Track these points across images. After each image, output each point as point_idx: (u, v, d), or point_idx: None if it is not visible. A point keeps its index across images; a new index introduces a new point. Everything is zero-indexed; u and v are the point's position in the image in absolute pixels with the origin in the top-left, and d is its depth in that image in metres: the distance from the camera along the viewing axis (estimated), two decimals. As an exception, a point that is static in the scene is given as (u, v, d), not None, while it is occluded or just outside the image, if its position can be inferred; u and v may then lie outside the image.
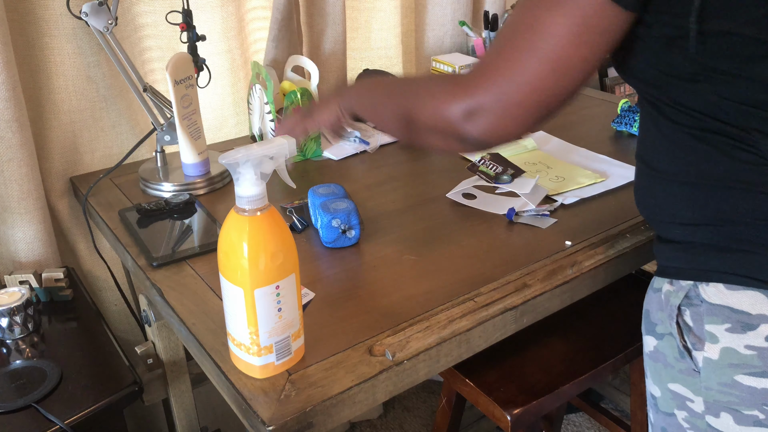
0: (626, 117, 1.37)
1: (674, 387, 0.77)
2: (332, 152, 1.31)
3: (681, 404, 0.76)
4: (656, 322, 0.79)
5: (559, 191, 1.12)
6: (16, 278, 1.10)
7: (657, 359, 0.79)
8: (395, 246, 0.98)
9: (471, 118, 0.68)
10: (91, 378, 0.96)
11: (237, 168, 0.64)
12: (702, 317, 0.72)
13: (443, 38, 1.67)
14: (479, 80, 0.68)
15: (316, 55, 1.46)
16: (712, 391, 0.73)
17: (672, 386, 0.77)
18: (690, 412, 0.75)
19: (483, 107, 0.68)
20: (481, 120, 0.68)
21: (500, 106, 0.67)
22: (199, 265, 0.94)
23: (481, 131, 0.69)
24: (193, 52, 1.15)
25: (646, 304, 0.81)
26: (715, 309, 0.71)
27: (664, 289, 0.77)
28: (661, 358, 0.78)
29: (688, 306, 0.73)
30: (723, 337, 0.70)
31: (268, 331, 0.69)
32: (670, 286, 0.76)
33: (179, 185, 1.15)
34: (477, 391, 1.05)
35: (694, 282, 0.72)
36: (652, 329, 0.80)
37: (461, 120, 0.69)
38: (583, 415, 1.84)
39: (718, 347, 0.71)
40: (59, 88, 1.19)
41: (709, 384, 0.73)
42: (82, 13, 1.08)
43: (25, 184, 1.13)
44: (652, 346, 0.80)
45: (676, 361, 0.76)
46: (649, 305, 0.81)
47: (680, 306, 0.74)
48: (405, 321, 0.81)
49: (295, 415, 0.67)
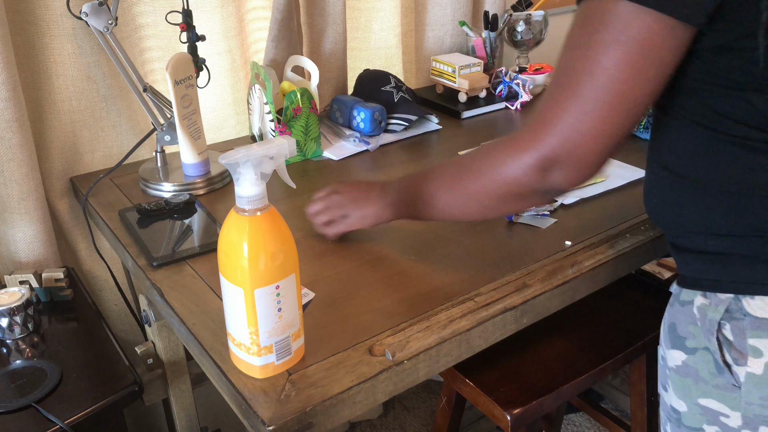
0: None
1: (706, 402, 0.74)
2: (332, 152, 1.31)
3: (713, 420, 0.74)
4: (686, 336, 0.75)
5: None
6: (16, 278, 1.10)
7: (686, 374, 0.76)
8: (395, 246, 0.98)
9: (548, 172, 0.68)
10: (91, 378, 0.96)
11: (237, 168, 0.64)
12: (745, 331, 0.69)
13: (443, 38, 1.67)
14: (542, 134, 0.67)
15: (316, 55, 1.47)
16: (753, 406, 0.70)
17: (704, 401, 0.74)
18: (723, 427, 0.73)
19: (555, 159, 0.67)
20: (558, 171, 0.68)
21: (571, 154, 0.67)
22: (199, 265, 0.94)
23: (562, 181, 0.69)
24: (193, 52, 1.15)
25: (671, 318, 0.78)
26: (760, 323, 0.68)
27: (697, 302, 0.73)
28: (692, 373, 0.75)
29: (729, 320, 0.70)
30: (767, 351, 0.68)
31: (268, 331, 0.69)
32: (704, 299, 0.73)
33: (179, 185, 1.15)
34: (477, 391, 1.05)
35: (735, 295, 0.70)
36: (680, 344, 0.76)
37: (538, 178, 0.69)
38: (583, 415, 1.84)
39: (762, 361, 0.69)
40: (59, 88, 1.19)
41: (750, 399, 0.70)
42: (82, 13, 1.08)
43: (25, 184, 1.13)
44: (680, 360, 0.76)
45: (712, 377, 0.73)
46: (676, 318, 0.77)
47: (720, 320, 0.71)
48: (405, 321, 0.81)
49: (295, 415, 0.67)
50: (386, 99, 1.41)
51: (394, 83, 1.44)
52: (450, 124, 1.47)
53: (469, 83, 1.51)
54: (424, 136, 1.41)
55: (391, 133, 1.40)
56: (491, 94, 1.59)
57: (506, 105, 1.56)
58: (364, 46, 1.61)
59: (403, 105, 1.41)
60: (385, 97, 1.42)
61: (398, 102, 1.41)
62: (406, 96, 1.44)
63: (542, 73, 1.61)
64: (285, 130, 1.25)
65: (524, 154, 0.69)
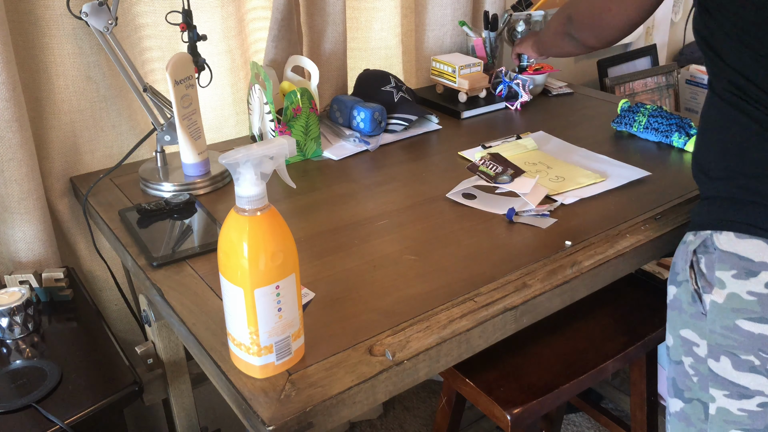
0: (626, 117, 1.37)
1: (684, 333, 0.84)
2: (332, 152, 1.31)
3: (688, 350, 0.83)
4: (678, 271, 0.86)
5: (559, 191, 1.12)
6: (16, 278, 1.10)
7: (674, 307, 0.86)
8: (395, 246, 0.98)
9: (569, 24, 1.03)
10: (91, 378, 0.96)
11: (237, 168, 0.64)
12: (714, 264, 0.79)
13: (443, 38, 1.67)
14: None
15: (316, 55, 1.47)
16: (715, 335, 0.79)
17: (683, 332, 0.84)
18: (695, 357, 0.82)
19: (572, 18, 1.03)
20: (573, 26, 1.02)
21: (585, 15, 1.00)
22: (199, 265, 0.94)
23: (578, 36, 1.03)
24: (193, 52, 1.15)
25: (675, 257, 0.89)
26: (725, 256, 0.77)
27: (687, 239, 0.84)
28: (677, 305, 0.85)
29: (704, 253, 0.80)
30: (729, 282, 0.77)
31: (268, 331, 0.69)
32: (693, 236, 0.83)
33: (179, 185, 1.15)
34: (477, 390, 1.05)
35: (711, 231, 0.80)
36: (674, 278, 0.87)
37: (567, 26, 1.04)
38: (583, 415, 1.84)
39: (725, 292, 0.77)
40: (59, 88, 1.19)
41: (713, 327, 0.79)
42: (82, 13, 1.08)
43: (25, 184, 1.13)
44: (671, 294, 0.87)
45: (689, 306, 0.83)
46: (676, 257, 0.87)
47: (696, 252, 0.82)
48: (405, 321, 0.81)
49: (295, 415, 0.67)
50: (386, 99, 1.41)
51: (394, 83, 1.44)
52: (450, 124, 1.47)
53: (469, 83, 1.51)
54: (424, 136, 1.41)
55: (391, 133, 1.40)
56: (491, 94, 1.59)
57: (506, 105, 1.56)
58: (364, 46, 1.61)
59: (403, 105, 1.41)
60: (385, 97, 1.42)
61: (398, 102, 1.41)
62: (406, 96, 1.44)
63: (542, 73, 1.60)
64: (285, 130, 1.25)
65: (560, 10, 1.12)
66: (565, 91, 1.65)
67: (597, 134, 1.38)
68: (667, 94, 2.23)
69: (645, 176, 1.17)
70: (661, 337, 1.18)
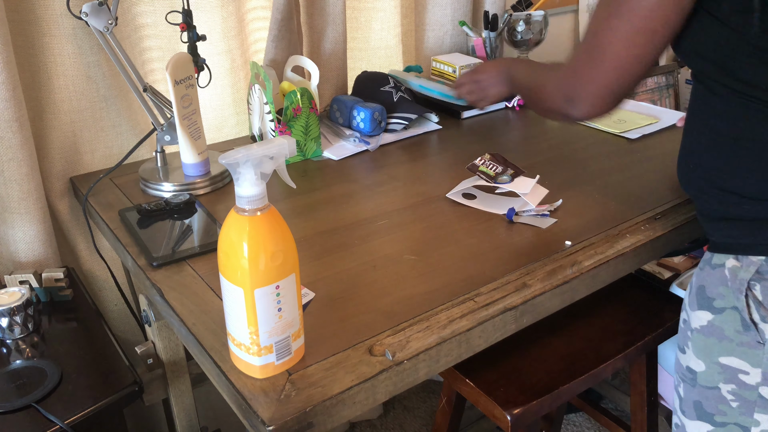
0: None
1: (727, 361, 0.80)
2: (332, 152, 1.31)
3: (731, 377, 0.79)
4: (714, 297, 0.81)
5: (625, 130, 1.37)
6: (16, 278, 1.10)
7: (711, 334, 0.81)
8: (395, 246, 0.98)
9: (568, 103, 0.87)
10: (91, 378, 0.96)
11: (237, 168, 0.64)
12: None
13: (443, 38, 1.67)
14: (567, 77, 0.87)
15: (316, 55, 1.47)
16: None
17: (724, 360, 0.80)
18: (740, 384, 0.79)
19: (572, 96, 0.86)
20: (574, 105, 0.87)
21: (582, 96, 0.85)
22: (199, 265, 0.94)
23: (577, 113, 0.87)
24: (193, 52, 1.15)
25: (700, 281, 0.84)
26: None
27: (728, 264, 0.79)
28: (717, 332, 0.80)
29: (759, 281, 0.76)
30: None
31: (268, 331, 0.69)
32: (736, 262, 0.78)
33: (179, 185, 1.15)
34: (477, 391, 1.05)
35: (766, 257, 0.76)
36: (708, 304, 0.82)
37: (563, 105, 0.89)
38: (583, 415, 1.84)
39: None
40: (59, 88, 1.19)
41: None
42: (82, 13, 1.08)
43: (25, 184, 1.13)
44: (705, 321, 0.82)
45: (737, 335, 0.78)
46: (705, 281, 0.83)
47: (749, 280, 0.77)
48: (405, 321, 0.81)
49: (295, 415, 0.67)
50: (385, 99, 1.41)
51: (393, 83, 1.44)
52: (450, 123, 1.47)
53: (469, 83, 1.51)
54: (424, 136, 1.41)
55: (391, 133, 1.40)
56: (491, 94, 1.59)
57: (505, 104, 1.56)
58: (364, 46, 1.61)
59: (403, 104, 1.41)
60: (384, 98, 1.42)
61: (398, 101, 1.41)
62: (405, 96, 1.44)
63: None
64: (285, 130, 1.25)
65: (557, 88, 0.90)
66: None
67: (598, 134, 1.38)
68: (667, 94, 2.23)
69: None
70: (662, 338, 1.18)
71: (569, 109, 0.88)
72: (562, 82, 0.88)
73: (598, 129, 1.40)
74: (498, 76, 1.15)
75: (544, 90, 0.94)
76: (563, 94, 0.88)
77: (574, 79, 0.85)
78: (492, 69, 1.18)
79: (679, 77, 2.24)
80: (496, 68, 1.17)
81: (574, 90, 0.86)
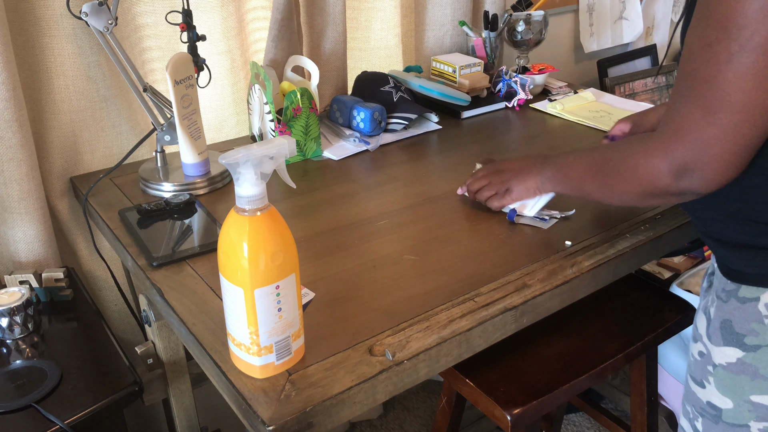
0: None
1: (760, 399, 0.75)
2: (332, 152, 1.31)
3: (763, 416, 0.75)
4: (746, 333, 0.75)
5: None
6: (16, 278, 1.10)
7: (741, 371, 0.76)
8: (395, 246, 0.98)
9: (682, 177, 0.71)
10: (91, 378, 0.96)
11: (237, 168, 0.64)
12: None
13: (443, 38, 1.67)
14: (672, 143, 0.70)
15: (316, 55, 1.47)
16: None
17: (757, 398, 0.75)
18: None
19: (686, 166, 0.69)
20: (693, 176, 0.70)
21: (699, 162, 0.68)
22: (199, 265, 0.94)
23: (697, 185, 0.70)
24: (193, 52, 1.15)
25: (725, 314, 0.77)
26: None
27: (764, 299, 0.73)
28: (749, 370, 0.75)
29: None
30: None
31: (268, 331, 0.69)
32: None
33: (179, 185, 1.15)
34: (477, 391, 1.05)
35: None
36: (737, 341, 0.76)
37: (671, 182, 0.72)
38: (583, 415, 1.84)
39: None
40: (59, 88, 1.19)
41: None
42: (82, 13, 1.08)
43: (25, 184, 1.13)
44: (734, 358, 0.76)
45: None
46: (732, 316, 0.76)
47: None
48: (405, 321, 0.81)
49: (295, 415, 0.67)
50: (385, 99, 1.41)
51: (393, 83, 1.44)
52: (450, 123, 1.47)
53: (469, 83, 1.51)
54: (424, 136, 1.41)
55: (391, 133, 1.40)
56: (492, 93, 1.59)
57: (505, 104, 1.56)
58: (364, 46, 1.61)
59: (403, 104, 1.41)
60: (384, 98, 1.42)
61: (397, 101, 1.41)
62: (404, 95, 1.44)
63: (543, 73, 1.61)
64: (285, 130, 1.25)
65: (657, 161, 0.72)
66: (565, 91, 1.65)
67: (598, 134, 1.38)
68: (667, 94, 2.23)
69: None
70: (662, 338, 1.18)
71: (683, 184, 0.71)
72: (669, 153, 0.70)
73: (598, 129, 1.40)
74: (528, 168, 0.99)
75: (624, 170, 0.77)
76: (671, 167, 0.71)
77: (690, 145, 0.68)
78: (518, 161, 1.03)
79: (679, 77, 2.24)
80: (524, 160, 1.02)
81: (689, 158, 0.69)
